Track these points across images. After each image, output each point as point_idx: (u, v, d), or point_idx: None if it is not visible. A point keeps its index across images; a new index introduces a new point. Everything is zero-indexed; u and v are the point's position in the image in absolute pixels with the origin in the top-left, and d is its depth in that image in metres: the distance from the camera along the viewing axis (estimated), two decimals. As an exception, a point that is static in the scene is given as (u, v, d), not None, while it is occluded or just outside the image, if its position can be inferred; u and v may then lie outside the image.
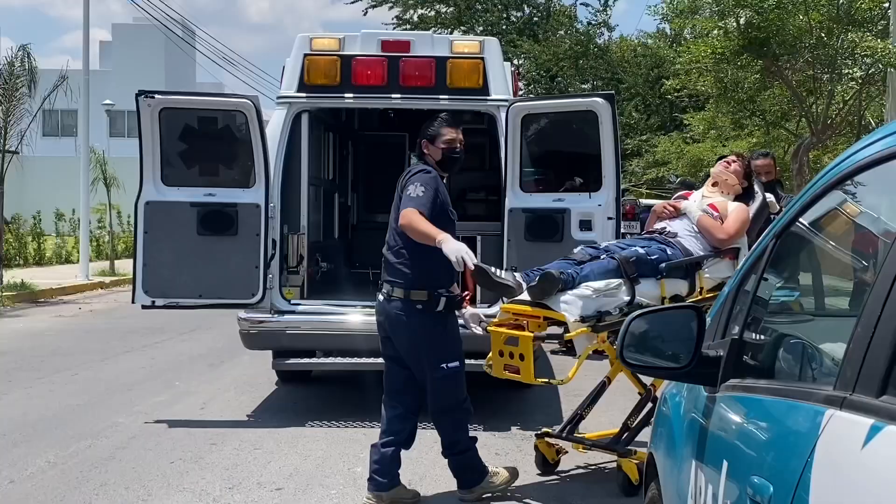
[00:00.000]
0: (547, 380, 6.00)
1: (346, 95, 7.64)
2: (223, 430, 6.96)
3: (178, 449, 6.46)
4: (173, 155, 7.43)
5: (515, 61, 30.16)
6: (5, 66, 16.72)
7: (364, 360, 7.22)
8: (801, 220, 2.57)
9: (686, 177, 21.11)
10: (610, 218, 7.04)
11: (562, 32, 34.18)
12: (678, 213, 6.17)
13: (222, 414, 7.58)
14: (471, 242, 6.09)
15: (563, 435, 6.00)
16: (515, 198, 7.26)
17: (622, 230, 7.65)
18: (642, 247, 5.80)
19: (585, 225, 7.04)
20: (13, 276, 17.27)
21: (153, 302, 7.30)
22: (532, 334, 5.38)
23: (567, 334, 5.38)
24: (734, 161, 6.43)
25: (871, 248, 2.30)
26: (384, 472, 5.23)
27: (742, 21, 15.69)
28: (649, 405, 5.74)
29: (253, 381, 8.78)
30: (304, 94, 7.56)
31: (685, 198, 6.39)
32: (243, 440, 6.69)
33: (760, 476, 2.05)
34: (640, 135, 31.55)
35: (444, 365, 5.23)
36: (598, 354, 5.84)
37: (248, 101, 7.20)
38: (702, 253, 5.93)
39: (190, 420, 7.32)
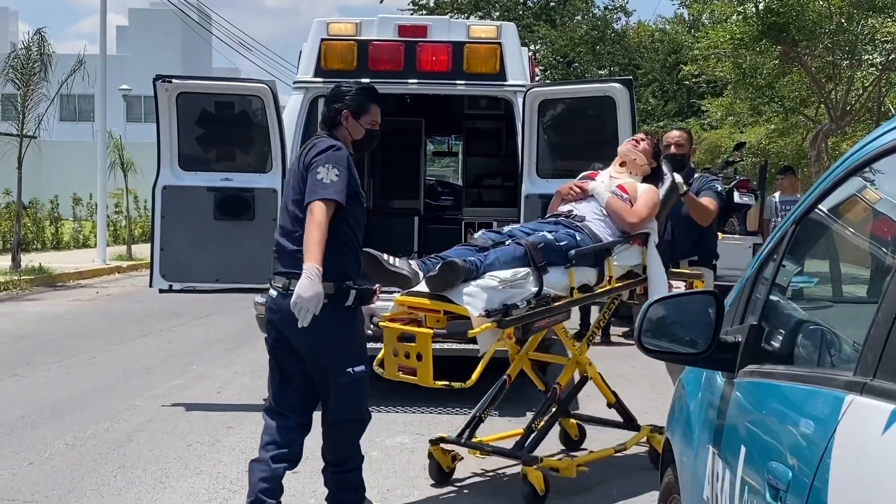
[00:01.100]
0: (448, 382, 5.10)
1: (363, 80, 7.62)
2: (239, 414, 6.99)
3: (195, 432, 6.50)
4: (190, 140, 7.45)
5: (532, 46, 30.08)
6: (23, 51, 16.77)
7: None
8: (820, 206, 2.55)
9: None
10: (627, 203, 7.00)
11: (579, 17, 34.05)
12: (585, 195, 5.68)
13: (239, 398, 7.61)
14: (488, 229, 6.08)
15: (462, 441, 5.50)
16: (532, 184, 7.24)
17: None
18: (550, 231, 5.29)
19: (603, 211, 7.01)
20: (31, 260, 17.37)
21: (170, 286, 7.34)
22: (431, 331, 4.75)
23: (470, 331, 4.80)
24: (643, 139, 5.92)
25: (891, 235, 2.28)
26: (273, 493, 4.51)
27: (761, 6, 15.58)
28: (554, 407, 5.50)
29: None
30: (320, 79, 7.55)
31: (591, 178, 5.86)
32: (260, 424, 6.64)
33: (779, 461, 2.05)
34: (658, 121, 31.42)
35: (350, 369, 4.48)
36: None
37: (265, 86, 7.21)
38: (611, 238, 5.47)
39: (207, 403, 7.36)
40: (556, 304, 5.16)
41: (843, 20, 15.25)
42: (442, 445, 5.47)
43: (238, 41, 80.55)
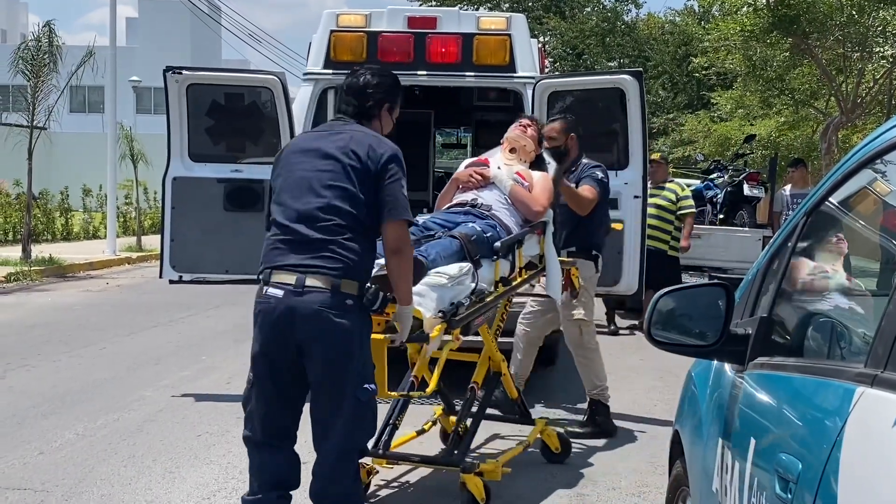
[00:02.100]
0: (406, 392, 4.85)
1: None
2: (249, 405, 7.00)
3: (205, 422, 6.53)
4: (200, 131, 7.47)
5: (542, 38, 30.02)
6: (33, 43, 16.81)
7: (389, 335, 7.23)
8: (831, 198, 2.55)
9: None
10: (636, 196, 7.00)
11: (588, 9, 33.97)
12: (486, 182, 5.48)
13: (248, 389, 7.62)
14: None
15: (380, 452, 4.96)
16: (541, 175, 7.22)
17: None
18: (471, 222, 5.05)
19: (612, 203, 7.00)
20: (41, 250, 17.42)
21: (180, 277, 7.36)
22: (386, 337, 4.10)
23: (431, 334, 4.34)
24: (529, 125, 5.81)
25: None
26: None
27: (772, -2, 15.53)
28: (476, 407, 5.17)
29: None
30: (330, 71, 7.56)
31: (483, 164, 5.67)
32: (269, 415, 6.73)
33: (789, 454, 2.05)
34: (667, 113, 31.37)
35: (367, 385, 3.84)
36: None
37: (275, 77, 7.21)
38: (517, 228, 5.29)
39: (216, 394, 7.39)
40: (488, 299, 4.96)
41: (854, 12, 15.19)
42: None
43: (247, 33, 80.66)
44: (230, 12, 51.13)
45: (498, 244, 4.99)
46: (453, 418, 5.51)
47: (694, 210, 10.82)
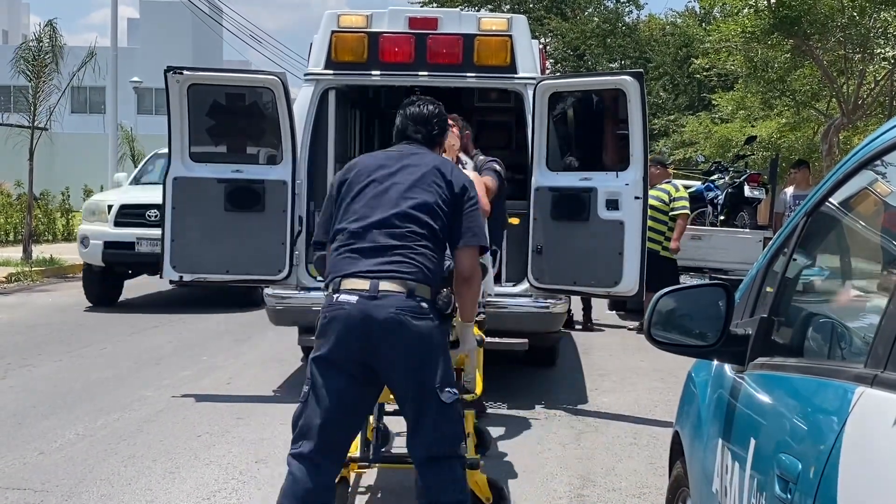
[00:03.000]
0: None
1: (373, 72, 7.63)
2: (249, 405, 7.01)
3: (205, 423, 6.53)
4: (201, 131, 7.47)
5: (543, 39, 30.04)
6: (34, 43, 16.82)
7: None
8: (830, 199, 2.55)
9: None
10: (637, 197, 6.99)
11: (590, 10, 33.98)
12: None
13: (248, 389, 7.64)
14: None
15: (372, 459, 4.78)
16: (542, 176, 7.22)
17: None
18: None
19: (612, 204, 7.00)
20: (42, 251, 17.42)
21: (181, 277, 7.36)
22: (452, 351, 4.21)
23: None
24: (453, 124, 5.91)
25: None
26: None
27: (773, -1, 15.53)
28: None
29: (279, 357, 8.84)
30: (331, 71, 7.56)
31: None
32: (269, 415, 6.74)
33: (789, 454, 2.04)
34: (668, 115, 31.38)
35: (449, 389, 3.83)
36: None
37: (276, 78, 7.21)
38: None
39: (217, 395, 7.39)
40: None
41: (855, 14, 15.19)
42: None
43: (249, 34, 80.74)
44: (231, 13, 51.19)
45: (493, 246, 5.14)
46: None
47: (687, 212, 10.81)
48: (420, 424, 3.83)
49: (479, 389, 4.82)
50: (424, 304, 3.79)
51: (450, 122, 5.53)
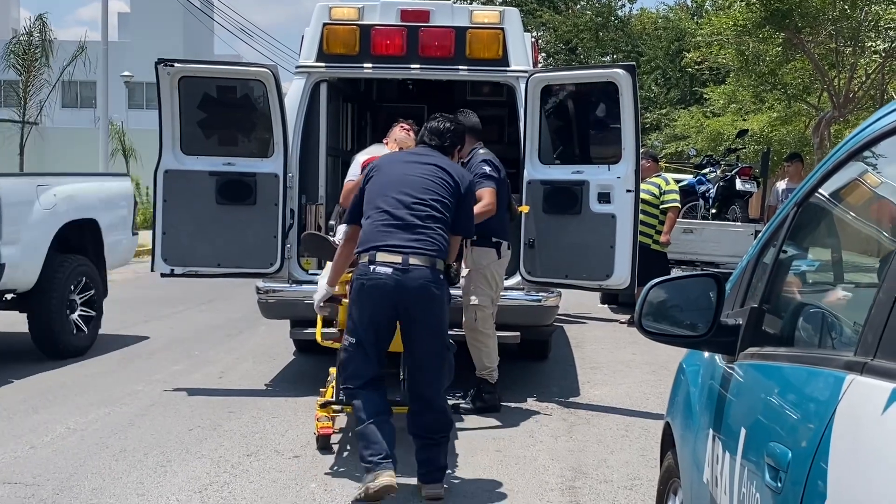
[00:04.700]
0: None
1: (365, 65, 7.61)
2: (241, 399, 7.01)
3: (197, 416, 6.52)
4: (192, 124, 7.43)
5: (535, 32, 30.01)
6: (24, 37, 16.77)
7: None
8: (820, 190, 2.55)
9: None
10: (629, 190, 6.99)
11: (582, 3, 33.97)
12: None
13: (240, 383, 7.63)
14: None
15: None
16: (534, 170, 7.22)
17: None
18: None
19: (604, 197, 7.00)
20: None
21: (172, 270, 7.33)
22: None
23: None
24: (410, 129, 6.79)
25: (892, 216, 2.28)
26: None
27: (764, -7, 15.54)
28: None
29: (270, 351, 8.83)
30: (322, 64, 7.54)
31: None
32: (261, 409, 6.74)
33: (779, 443, 2.05)
34: (660, 108, 31.40)
35: (449, 341, 5.14)
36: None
37: (267, 70, 7.19)
38: None
39: (208, 388, 7.38)
40: None
41: (846, 7, 15.22)
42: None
43: (240, 27, 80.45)
44: (222, 7, 51.07)
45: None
46: None
47: (678, 205, 10.82)
48: (429, 362, 4.99)
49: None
50: (441, 276, 4.95)
51: (408, 127, 6.89)
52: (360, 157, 6.96)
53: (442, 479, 5.04)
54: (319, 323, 6.33)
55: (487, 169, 6.66)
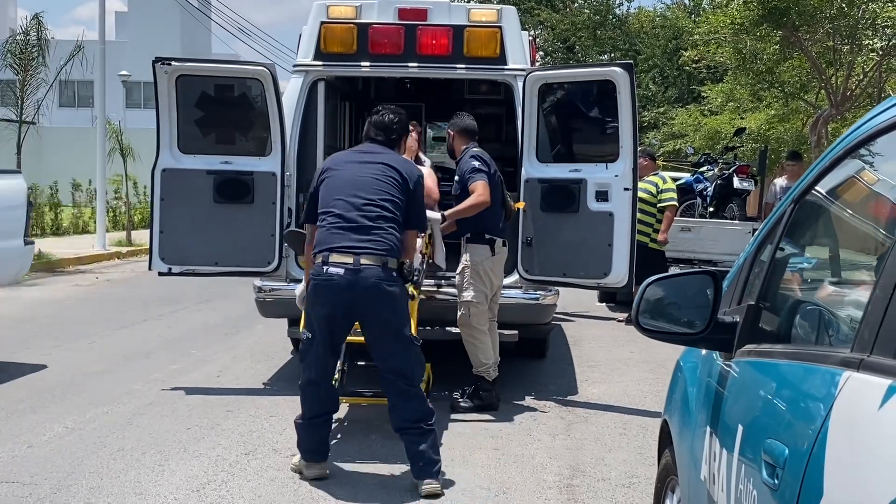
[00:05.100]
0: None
1: (363, 64, 7.60)
2: (239, 398, 7.00)
3: (195, 416, 6.51)
4: (190, 122, 7.43)
5: (533, 31, 30.02)
6: (21, 36, 16.75)
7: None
8: (817, 187, 2.55)
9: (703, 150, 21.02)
10: (626, 189, 7.00)
11: (580, 1, 33.95)
12: None
13: (238, 382, 7.62)
14: None
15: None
16: (532, 168, 7.22)
17: None
18: None
19: (602, 195, 7.00)
20: (31, 245, 17.33)
21: (169, 269, 7.33)
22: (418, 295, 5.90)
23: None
24: (413, 129, 7.16)
25: (889, 213, 2.28)
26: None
27: (762, -9, 15.54)
28: None
29: (268, 350, 8.83)
30: (320, 63, 7.54)
31: None
32: (259, 407, 6.74)
33: (776, 439, 2.05)
34: (658, 107, 31.39)
35: (407, 329, 5.24)
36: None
37: (265, 69, 7.18)
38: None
39: (206, 387, 7.37)
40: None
41: (843, 5, 15.22)
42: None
43: (237, 27, 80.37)
44: (220, 6, 51.01)
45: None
46: None
47: (675, 203, 10.82)
48: (392, 353, 5.14)
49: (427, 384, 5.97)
50: (393, 273, 5.08)
51: (410, 127, 6.73)
52: None
53: (437, 474, 5.04)
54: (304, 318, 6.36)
55: (476, 163, 6.76)
